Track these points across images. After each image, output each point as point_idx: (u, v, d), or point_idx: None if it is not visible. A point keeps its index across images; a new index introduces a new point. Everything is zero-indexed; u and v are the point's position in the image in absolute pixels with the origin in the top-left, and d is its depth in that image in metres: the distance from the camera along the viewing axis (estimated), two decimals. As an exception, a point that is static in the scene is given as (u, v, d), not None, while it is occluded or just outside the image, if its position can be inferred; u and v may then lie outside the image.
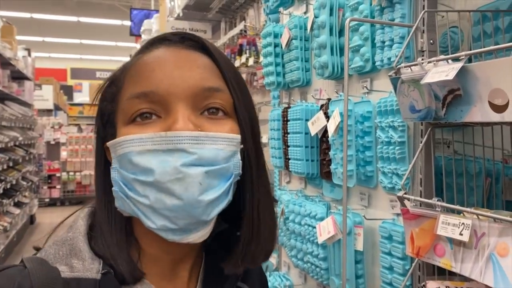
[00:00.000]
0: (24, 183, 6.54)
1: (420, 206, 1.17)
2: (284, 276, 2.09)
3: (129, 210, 0.63)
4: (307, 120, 1.74)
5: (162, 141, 0.59)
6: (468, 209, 0.95)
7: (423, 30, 1.23)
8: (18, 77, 6.78)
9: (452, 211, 1.05)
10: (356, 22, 1.45)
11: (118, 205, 0.64)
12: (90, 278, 0.61)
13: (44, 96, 10.81)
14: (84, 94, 15.85)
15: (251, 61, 3.25)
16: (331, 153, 1.57)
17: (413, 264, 1.22)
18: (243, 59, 3.32)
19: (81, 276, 0.61)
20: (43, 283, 0.59)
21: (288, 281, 2.04)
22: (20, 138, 6.22)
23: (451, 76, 0.92)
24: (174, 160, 0.59)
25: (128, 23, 8.47)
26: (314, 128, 1.65)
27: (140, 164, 0.60)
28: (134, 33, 7.49)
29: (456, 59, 1.03)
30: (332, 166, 1.57)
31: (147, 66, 0.64)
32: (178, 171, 0.58)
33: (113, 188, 0.64)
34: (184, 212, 0.59)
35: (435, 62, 1.03)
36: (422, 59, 1.06)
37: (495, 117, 0.88)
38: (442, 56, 1.04)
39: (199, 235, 0.62)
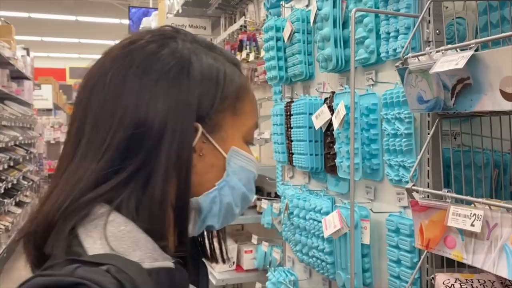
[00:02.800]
0: (25, 182, 6.53)
1: (428, 197, 1.16)
2: (289, 271, 2.08)
3: (205, 209, 0.71)
4: (310, 114, 1.73)
5: (257, 170, 0.77)
6: (480, 200, 0.93)
7: (429, 20, 1.21)
8: (17, 76, 6.76)
9: (461, 202, 1.04)
10: (361, 14, 1.44)
11: (205, 203, 0.70)
12: (167, 268, 0.63)
13: (44, 95, 10.80)
14: (83, 93, 15.81)
15: (251, 57, 3.23)
16: (336, 146, 1.56)
17: (422, 257, 1.21)
18: (244, 54, 3.30)
19: (161, 266, 0.62)
20: (138, 275, 0.56)
21: (293, 276, 2.02)
22: (20, 138, 6.21)
23: (461, 64, 0.90)
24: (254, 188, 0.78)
25: (126, 21, 8.44)
26: (318, 122, 1.64)
27: (252, 185, 0.76)
28: (133, 31, 7.46)
29: (464, 48, 1.02)
30: (337, 160, 1.56)
31: (256, 105, 0.78)
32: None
33: (216, 186, 0.71)
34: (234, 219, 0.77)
35: (443, 52, 1.02)
36: (430, 49, 1.05)
37: (507, 105, 0.86)
38: (451, 45, 1.03)
39: None
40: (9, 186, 5.42)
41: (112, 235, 0.60)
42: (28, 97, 7.43)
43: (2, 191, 5.06)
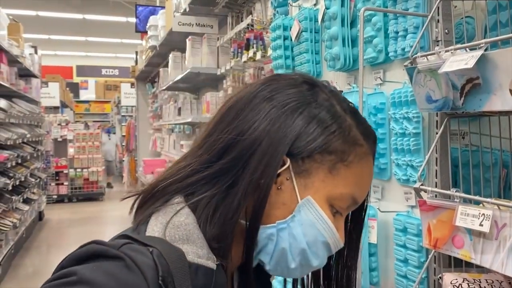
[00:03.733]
0: (33, 179, 6.57)
1: (436, 197, 1.16)
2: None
3: (262, 243, 0.70)
4: (318, 113, 1.73)
5: (337, 246, 0.72)
6: (488, 200, 0.93)
7: (438, 20, 1.21)
8: (25, 74, 6.81)
9: (469, 202, 1.03)
10: (369, 13, 1.43)
11: (261, 235, 0.70)
12: (208, 267, 0.65)
13: (51, 93, 10.87)
14: (90, 91, 15.90)
15: (258, 55, 3.23)
16: (343, 145, 1.56)
17: (429, 256, 1.21)
18: (251, 53, 3.30)
19: (201, 263, 0.64)
20: (176, 265, 0.61)
21: (300, 275, 2.03)
22: (28, 135, 6.25)
23: (470, 64, 0.90)
24: (326, 259, 0.73)
25: (133, 19, 8.47)
26: (326, 121, 1.64)
27: (319, 250, 0.71)
28: (140, 30, 7.48)
29: (473, 48, 1.01)
30: (345, 159, 1.56)
31: (368, 181, 0.75)
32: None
33: (277, 224, 0.69)
34: (291, 276, 0.75)
35: (452, 51, 1.02)
36: (439, 48, 1.04)
37: (516, 105, 0.86)
38: (460, 45, 1.03)
39: None
40: (17, 183, 5.46)
41: (172, 224, 0.66)
42: (36, 95, 7.48)
43: (10, 188, 5.09)
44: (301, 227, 0.69)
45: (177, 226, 0.66)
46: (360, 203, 0.75)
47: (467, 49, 1.00)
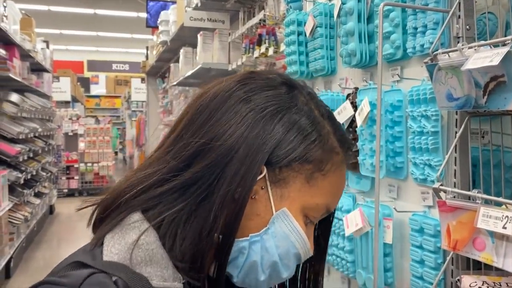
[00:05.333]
0: (44, 173, 6.62)
1: (455, 198, 1.13)
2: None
3: (233, 256, 0.66)
4: (332, 110, 1.70)
5: (306, 255, 0.69)
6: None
7: (459, 16, 1.18)
8: (37, 69, 6.84)
9: (490, 203, 1.00)
10: (387, 8, 1.40)
11: (233, 250, 0.65)
12: None
13: (62, 88, 10.92)
14: (101, 86, 15.98)
15: (270, 51, 3.20)
16: (359, 143, 1.53)
17: (447, 258, 1.18)
18: (263, 49, 3.27)
19: (168, 286, 0.60)
20: None
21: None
22: (40, 130, 6.29)
23: (496, 61, 0.87)
24: (294, 269, 0.70)
25: (143, 15, 8.48)
26: (341, 118, 1.61)
27: (290, 261, 0.67)
28: (151, 25, 7.47)
29: (496, 45, 0.98)
30: (360, 157, 1.53)
31: (341, 190, 0.72)
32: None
33: (250, 237, 0.65)
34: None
35: (476, 48, 0.99)
36: (462, 45, 1.01)
37: (544, 104, 0.83)
38: (483, 42, 1.00)
39: None
40: (29, 177, 5.50)
41: (131, 245, 0.61)
42: (48, 90, 7.52)
43: (22, 181, 5.13)
44: (274, 239, 0.65)
45: (138, 247, 0.61)
46: (331, 211, 0.73)
47: (491, 46, 0.97)
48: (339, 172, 0.70)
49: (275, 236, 0.65)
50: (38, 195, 6.21)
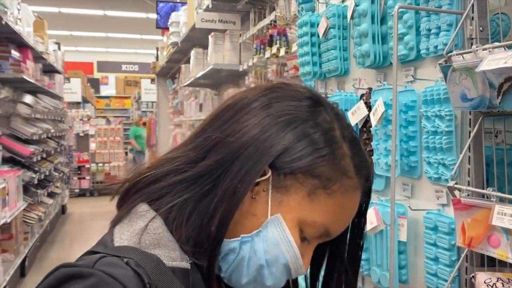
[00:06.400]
0: (56, 174, 6.70)
1: (468, 196, 1.15)
2: (320, 267, 2.09)
3: (223, 253, 0.68)
4: (346, 110, 1.73)
5: (297, 272, 0.70)
6: (527, 199, 0.93)
7: (473, 17, 1.20)
8: (49, 70, 6.93)
9: (504, 201, 1.03)
10: (400, 10, 1.43)
11: (225, 247, 0.68)
12: (184, 268, 0.64)
13: (73, 89, 11.04)
14: (111, 87, 16.10)
15: (282, 52, 3.23)
16: (373, 143, 1.56)
17: (462, 255, 1.20)
18: (274, 49, 3.30)
19: (177, 266, 0.63)
20: (155, 272, 0.60)
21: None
22: (52, 130, 6.37)
23: (510, 63, 0.90)
24: (283, 283, 0.70)
25: (153, 15, 8.53)
26: (355, 118, 1.64)
27: (278, 271, 0.68)
28: (161, 26, 7.53)
29: (510, 46, 1.00)
30: (375, 157, 1.56)
31: (349, 215, 0.71)
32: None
33: (241, 237, 0.67)
34: None
35: (490, 49, 1.01)
36: (477, 46, 1.04)
37: (558, 104, 0.85)
38: (498, 43, 1.02)
39: None
40: (42, 177, 5.58)
41: (139, 229, 0.65)
42: (59, 91, 7.61)
43: (36, 182, 5.21)
44: (264, 243, 0.66)
45: (146, 232, 0.64)
46: (333, 236, 0.71)
47: (505, 47, 0.99)
48: (348, 197, 0.69)
49: (266, 240, 0.67)
50: (51, 195, 6.29)
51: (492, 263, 1.17)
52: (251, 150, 0.66)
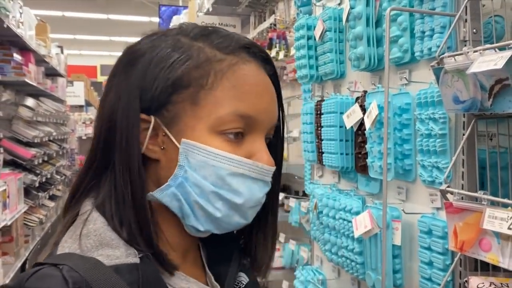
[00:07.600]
0: (58, 177, 6.71)
1: (462, 199, 1.14)
2: (317, 270, 2.08)
3: (175, 207, 0.67)
4: (341, 113, 1.72)
5: (257, 171, 0.67)
6: (517, 203, 0.92)
7: (466, 19, 1.19)
8: (51, 74, 6.95)
9: (497, 205, 1.02)
10: (395, 12, 1.42)
11: (165, 200, 0.66)
12: (131, 263, 0.62)
13: (76, 92, 11.08)
14: (114, 90, 16.15)
15: (281, 55, 3.23)
16: (367, 146, 1.55)
17: (455, 259, 1.19)
18: (273, 53, 3.31)
19: (122, 263, 0.62)
20: (91, 273, 0.58)
21: (321, 275, 2.02)
22: (54, 133, 6.39)
23: (500, 65, 0.89)
24: (259, 190, 0.68)
25: (156, 19, 8.57)
26: (350, 121, 1.63)
27: (231, 185, 0.65)
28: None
29: (502, 48, 0.99)
30: (369, 160, 1.55)
31: (253, 88, 0.67)
32: (259, 201, 0.69)
33: (169, 182, 0.66)
34: (238, 225, 0.69)
35: (481, 51, 1.00)
36: (468, 48, 1.03)
37: (548, 107, 0.84)
38: (488, 45, 1.01)
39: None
40: (43, 180, 5.59)
41: (79, 235, 0.64)
42: (62, 94, 7.64)
43: (37, 184, 5.22)
44: (196, 172, 0.64)
45: (87, 235, 0.63)
46: (262, 116, 0.67)
47: (496, 49, 0.98)
48: (232, 75, 0.66)
49: (195, 169, 0.64)
50: (52, 198, 6.30)
51: (486, 268, 1.16)
52: (119, 114, 0.65)
